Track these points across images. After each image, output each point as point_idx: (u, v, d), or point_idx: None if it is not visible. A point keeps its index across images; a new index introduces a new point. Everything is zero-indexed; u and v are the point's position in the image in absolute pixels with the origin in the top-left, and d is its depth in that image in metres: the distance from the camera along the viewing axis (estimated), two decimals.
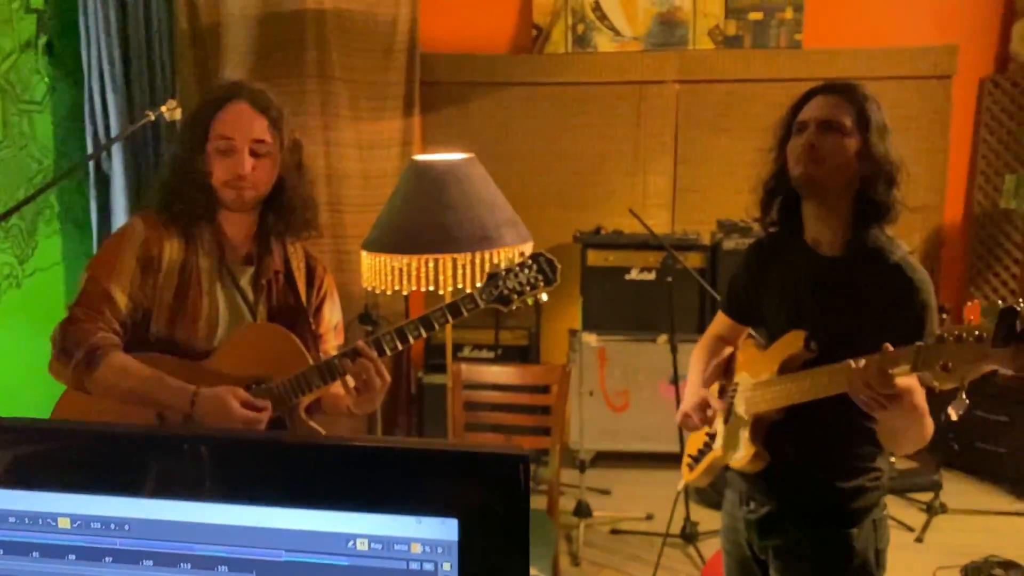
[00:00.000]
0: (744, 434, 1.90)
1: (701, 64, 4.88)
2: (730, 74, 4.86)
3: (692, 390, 2.05)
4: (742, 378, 2.00)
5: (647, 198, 4.96)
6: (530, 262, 1.87)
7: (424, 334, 1.82)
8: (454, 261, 2.10)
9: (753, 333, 2.12)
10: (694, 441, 2.16)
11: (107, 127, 3.59)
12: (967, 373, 1.49)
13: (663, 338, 4.53)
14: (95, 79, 3.52)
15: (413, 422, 4.90)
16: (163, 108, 2.18)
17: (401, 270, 2.14)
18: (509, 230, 2.15)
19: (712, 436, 2.08)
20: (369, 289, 2.31)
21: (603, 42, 4.95)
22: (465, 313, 1.83)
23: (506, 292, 1.85)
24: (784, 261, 1.91)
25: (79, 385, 1.72)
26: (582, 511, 3.89)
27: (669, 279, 3.71)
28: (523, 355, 4.79)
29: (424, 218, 2.15)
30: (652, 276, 4.59)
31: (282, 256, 1.94)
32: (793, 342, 1.83)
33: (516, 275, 1.85)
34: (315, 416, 1.96)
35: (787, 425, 1.84)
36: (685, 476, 2.18)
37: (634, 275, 4.61)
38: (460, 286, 2.15)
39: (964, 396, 1.52)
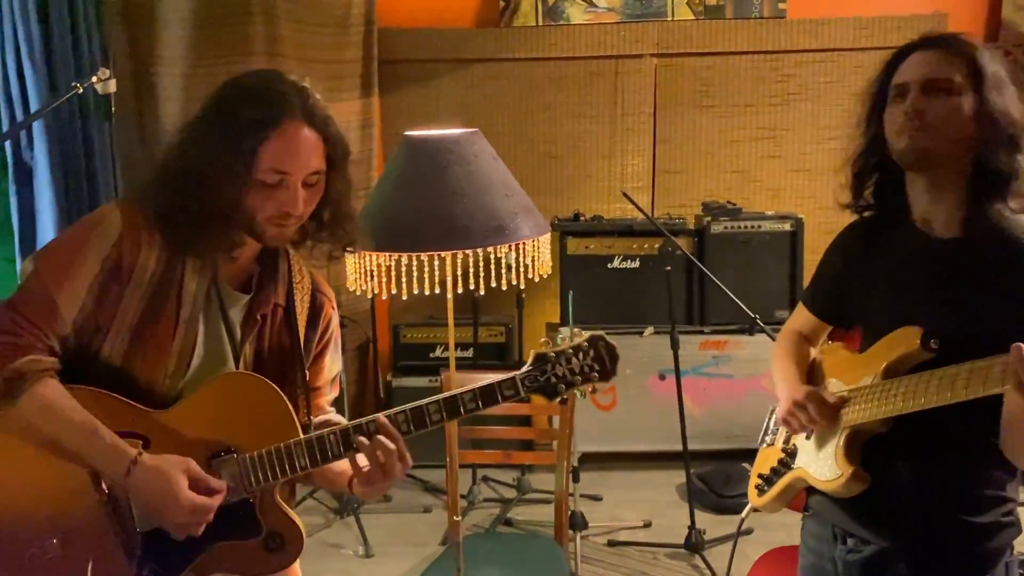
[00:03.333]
0: (836, 450, 1.59)
1: (681, 36, 4.57)
2: (711, 46, 4.57)
3: (794, 385, 1.71)
4: (831, 385, 1.69)
5: (625, 181, 4.65)
6: (586, 346, 1.50)
7: (445, 418, 1.45)
8: (463, 258, 1.74)
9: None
10: (765, 459, 1.84)
11: (26, 109, 3.12)
12: None
13: (650, 330, 4.25)
14: (10, 54, 3.05)
15: None
16: (93, 79, 1.77)
17: (398, 270, 1.77)
18: (526, 220, 1.81)
19: (790, 453, 1.76)
20: (359, 294, 1.93)
21: (576, 14, 4.60)
22: (500, 400, 1.46)
23: (554, 381, 1.47)
24: (888, 247, 1.62)
25: None
26: (577, 523, 3.56)
27: (668, 268, 3.40)
28: (500, 353, 4.45)
29: (423, 207, 1.78)
30: (636, 264, 4.30)
31: (287, 285, 1.55)
32: (903, 340, 1.53)
33: (568, 360, 1.48)
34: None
35: (894, 441, 1.54)
36: (753, 500, 1.86)
37: (617, 264, 4.30)
38: (471, 287, 1.80)
39: None
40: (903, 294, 1.57)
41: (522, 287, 1.85)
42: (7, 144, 3.09)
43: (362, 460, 1.44)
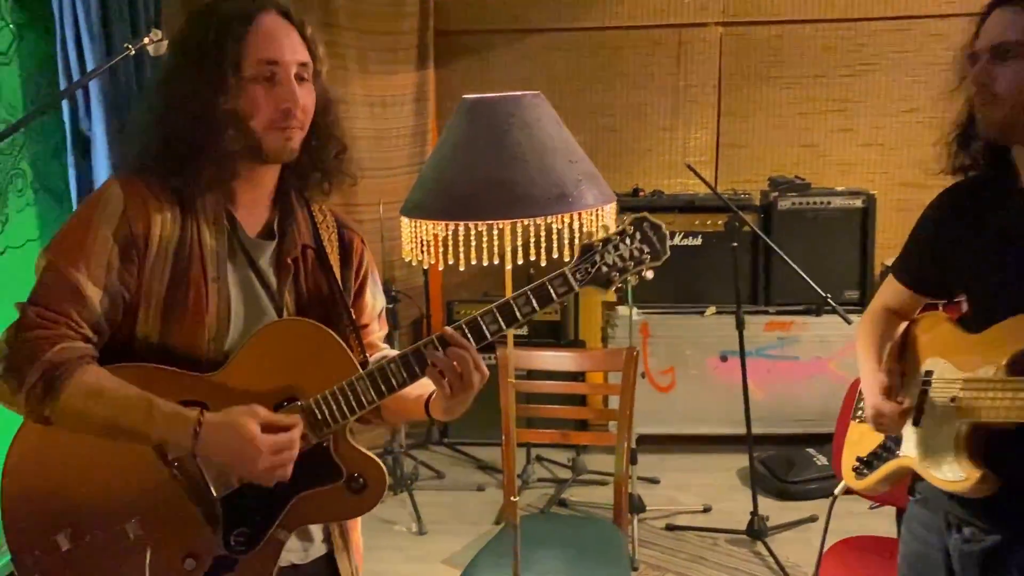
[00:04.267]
0: (958, 447, 1.45)
1: (748, 3, 4.39)
2: (780, 14, 4.38)
3: (873, 379, 1.60)
4: (937, 366, 1.54)
5: (688, 155, 4.50)
6: (631, 230, 1.43)
7: (504, 327, 1.38)
8: (524, 227, 1.65)
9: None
10: (862, 438, 1.71)
11: (83, 74, 3.11)
12: None
13: (712, 310, 4.11)
14: (68, 26, 3.02)
15: None
16: (145, 40, 1.71)
17: (455, 240, 1.69)
18: (590, 187, 1.70)
19: (894, 439, 1.63)
20: (415, 264, 1.85)
21: None
22: (555, 298, 1.39)
23: (605, 270, 1.41)
24: (998, 215, 1.47)
25: (37, 415, 1.26)
26: (634, 506, 3.47)
27: (734, 244, 3.25)
28: (555, 332, 4.36)
29: (482, 174, 1.69)
30: (698, 242, 4.15)
31: (310, 225, 1.48)
32: None
33: (616, 248, 1.41)
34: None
35: (1021, 437, 1.38)
36: (851, 483, 1.74)
37: (678, 241, 4.16)
38: (532, 258, 1.70)
39: None
40: (1020, 271, 1.41)
41: None
42: (65, 114, 3.08)
43: (431, 385, 1.39)
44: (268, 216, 1.45)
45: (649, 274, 1.45)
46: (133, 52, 1.66)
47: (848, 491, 1.78)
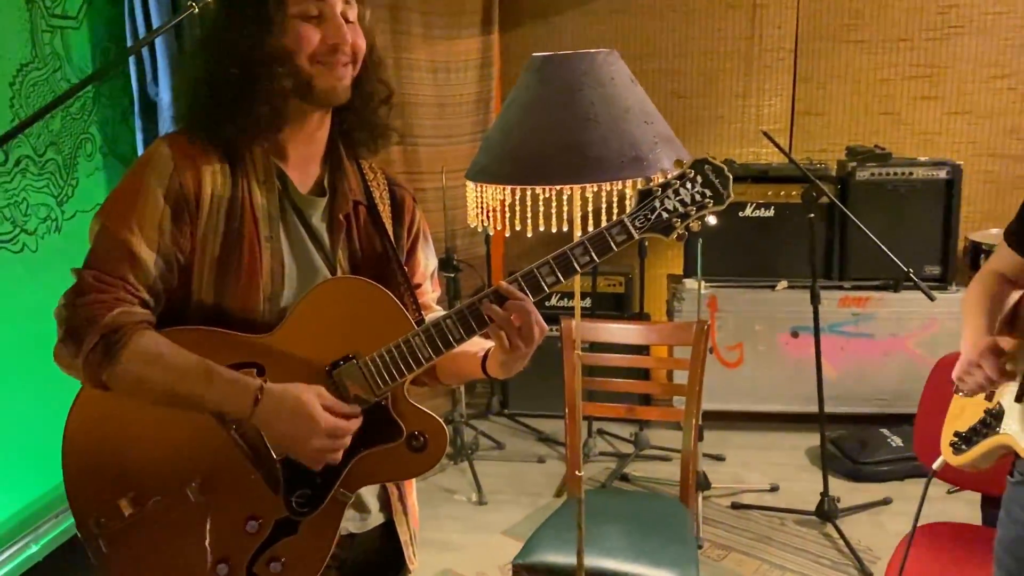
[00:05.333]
0: None
1: None
2: None
3: (976, 334, 1.50)
4: None
5: (761, 123, 4.33)
6: (692, 173, 1.35)
7: (561, 279, 1.33)
8: (595, 193, 1.57)
9: None
10: (962, 412, 1.62)
11: (152, 45, 3.12)
12: None
13: (783, 284, 3.97)
14: None
15: (497, 382, 4.43)
16: None
17: (523, 204, 1.62)
18: (667, 149, 1.61)
19: (994, 413, 1.52)
20: (480, 230, 1.79)
21: None
22: (614, 247, 1.33)
23: (665, 216, 1.33)
24: None
25: (96, 381, 1.24)
26: (699, 483, 3.38)
27: (811, 215, 3.11)
28: (619, 304, 4.27)
29: (552, 136, 1.61)
30: (771, 213, 4.00)
31: (360, 182, 1.44)
32: None
33: (676, 192, 1.34)
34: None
35: None
36: (949, 458, 1.64)
37: (749, 212, 4.01)
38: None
39: None
40: None
41: None
42: (132, 78, 3.10)
43: (487, 343, 1.35)
44: (319, 173, 1.41)
45: (712, 219, 1.38)
46: (197, 10, 1.62)
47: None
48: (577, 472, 1.98)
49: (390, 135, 1.45)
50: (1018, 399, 1.44)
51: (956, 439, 1.61)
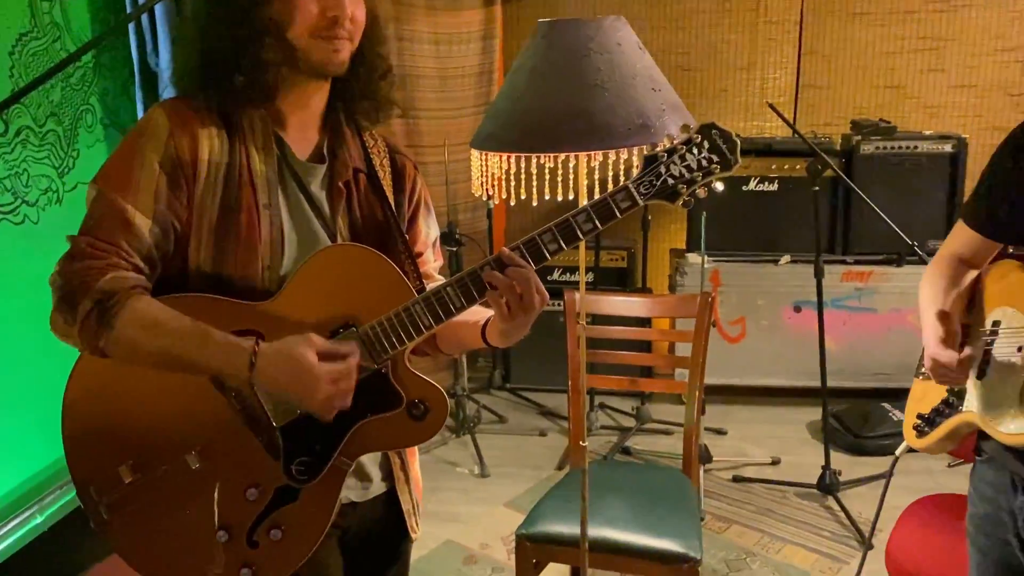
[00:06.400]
0: (1023, 401, 1.35)
1: None
2: None
3: (933, 328, 1.50)
4: (1007, 315, 1.44)
5: (766, 96, 4.30)
6: (699, 138, 1.32)
7: (564, 246, 1.31)
8: (601, 162, 1.56)
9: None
10: (924, 395, 1.62)
11: (152, 15, 3.09)
12: None
13: (786, 259, 3.96)
14: None
15: (498, 353, 4.44)
16: None
17: (528, 173, 1.61)
18: (674, 117, 1.60)
19: (957, 393, 1.53)
20: (484, 199, 1.78)
21: None
22: (619, 214, 1.31)
23: (671, 182, 1.31)
24: None
25: (92, 347, 1.23)
26: (702, 455, 3.40)
27: (816, 188, 3.09)
28: (621, 279, 4.27)
29: (559, 102, 1.59)
30: (774, 187, 3.98)
31: (360, 149, 1.42)
32: None
33: (683, 158, 1.32)
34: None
35: None
36: (912, 441, 1.65)
37: (753, 186, 3.99)
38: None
39: None
40: None
41: None
42: (132, 49, 3.07)
43: (488, 312, 1.34)
44: (318, 139, 1.39)
45: (719, 186, 1.35)
46: None
47: (910, 450, 1.68)
48: (581, 442, 1.98)
49: (391, 108, 1.44)
50: (979, 376, 1.44)
51: (919, 421, 1.61)
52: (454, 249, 3.77)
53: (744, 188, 3.99)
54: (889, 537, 2.28)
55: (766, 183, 3.98)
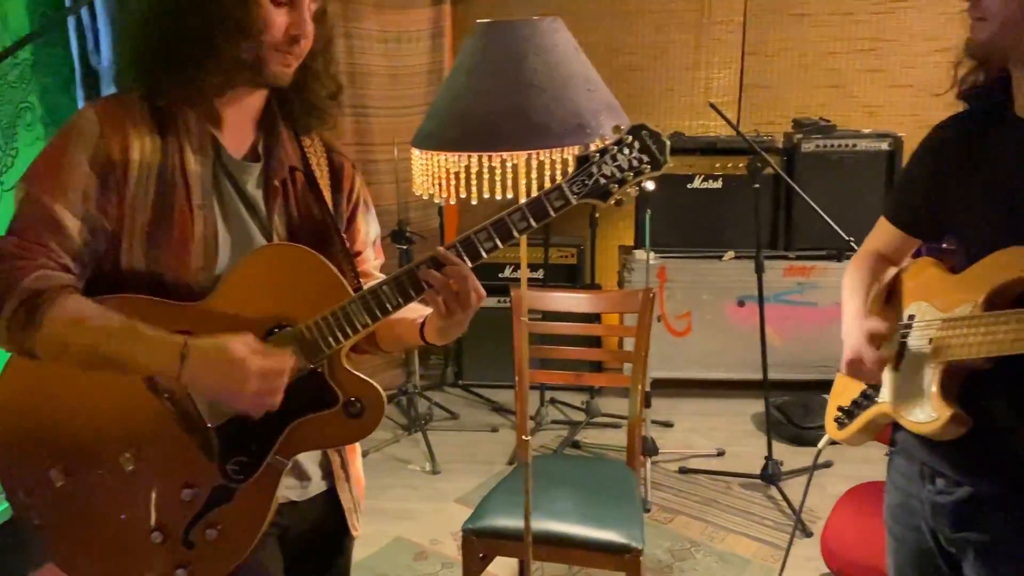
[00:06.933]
0: (932, 388, 1.41)
1: None
2: None
3: (854, 323, 1.55)
4: (920, 309, 1.50)
5: (710, 95, 4.38)
6: (629, 139, 1.36)
7: (499, 244, 1.33)
8: (539, 160, 1.59)
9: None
10: (845, 389, 1.68)
11: (92, 12, 3.04)
12: None
13: (730, 254, 4.05)
14: None
15: (450, 350, 4.46)
16: None
17: (466, 172, 1.63)
18: (609, 117, 1.63)
19: (873, 386, 1.59)
20: (426, 198, 1.80)
21: None
22: (552, 212, 1.34)
23: (603, 181, 1.35)
24: (992, 147, 1.38)
25: (20, 347, 1.23)
26: (647, 448, 3.47)
27: (756, 186, 3.17)
28: (571, 275, 4.32)
29: (498, 102, 1.62)
30: (718, 184, 4.06)
31: (297, 148, 1.43)
32: (1011, 263, 1.31)
33: (614, 158, 1.35)
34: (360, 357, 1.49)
35: (995, 376, 1.34)
36: (832, 433, 1.71)
37: (697, 184, 4.07)
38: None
39: None
40: (1008, 205, 1.33)
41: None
42: (73, 48, 3.03)
43: (426, 310, 1.35)
44: (253, 138, 1.40)
45: (650, 185, 1.40)
46: None
47: (832, 443, 1.75)
48: (524, 437, 2.02)
49: (327, 120, 1.45)
50: (894, 368, 1.49)
51: (840, 414, 1.65)
52: (404, 247, 3.78)
53: (689, 186, 4.06)
54: (824, 524, 2.35)
55: (711, 181, 4.06)
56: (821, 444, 1.79)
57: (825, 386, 4.11)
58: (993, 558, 1.39)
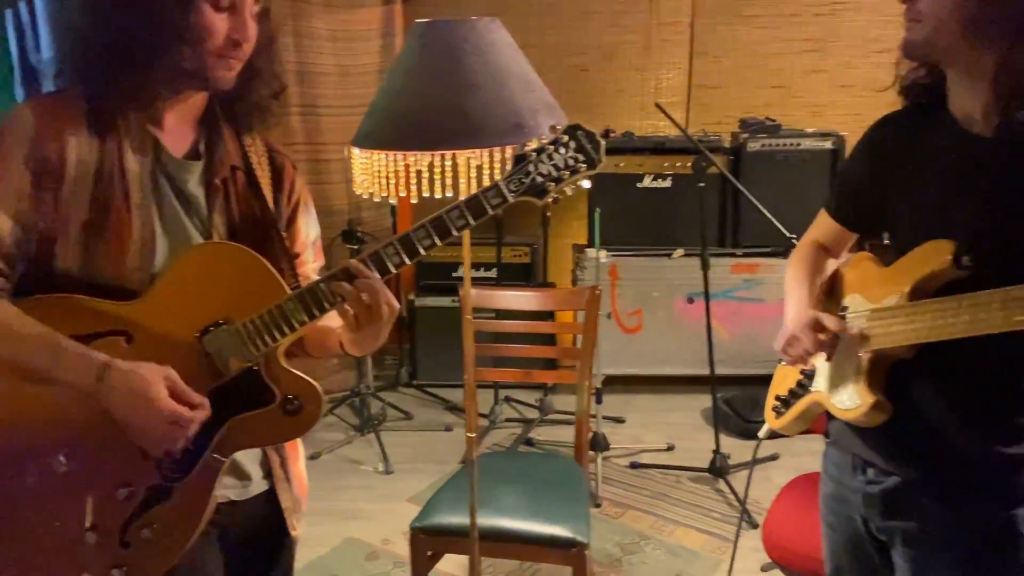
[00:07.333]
0: (859, 377, 1.46)
1: None
2: None
3: (798, 308, 1.59)
4: (854, 301, 1.55)
5: (660, 96, 4.44)
6: (565, 138, 1.38)
7: (437, 242, 1.35)
8: (478, 157, 1.61)
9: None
10: (784, 379, 1.73)
11: (32, 12, 2.99)
12: None
13: (680, 252, 4.11)
14: None
15: (405, 351, 4.46)
16: None
17: (406, 171, 1.64)
18: (547, 117, 1.66)
19: (809, 375, 1.64)
20: (365, 196, 1.80)
21: None
22: (490, 210, 1.36)
23: (540, 180, 1.37)
24: (925, 145, 1.42)
25: None
26: (598, 444, 3.51)
27: (701, 184, 3.23)
28: (525, 274, 4.35)
29: (436, 102, 1.64)
30: (668, 183, 4.12)
31: (238, 147, 1.44)
32: (934, 255, 1.36)
33: (550, 157, 1.37)
34: (297, 361, 1.50)
35: (921, 367, 1.40)
36: (771, 422, 1.76)
37: (648, 183, 4.13)
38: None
39: None
40: (936, 200, 1.38)
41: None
42: (12, 47, 2.97)
43: (350, 311, 1.35)
44: (194, 137, 1.40)
45: (586, 183, 1.41)
46: None
47: (772, 434, 1.80)
48: (469, 434, 2.03)
49: (270, 119, 1.45)
50: (828, 357, 1.54)
51: (777, 403, 1.70)
52: (356, 247, 3.77)
53: (639, 185, 4.12)
54: (766, 515, 2.40)
55: (660, 180, 4.12)
56: (761, 433, 1.83)
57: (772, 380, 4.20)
58: (920, 545, 1.44)
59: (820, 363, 1.59)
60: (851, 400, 1.48)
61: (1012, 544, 1.36)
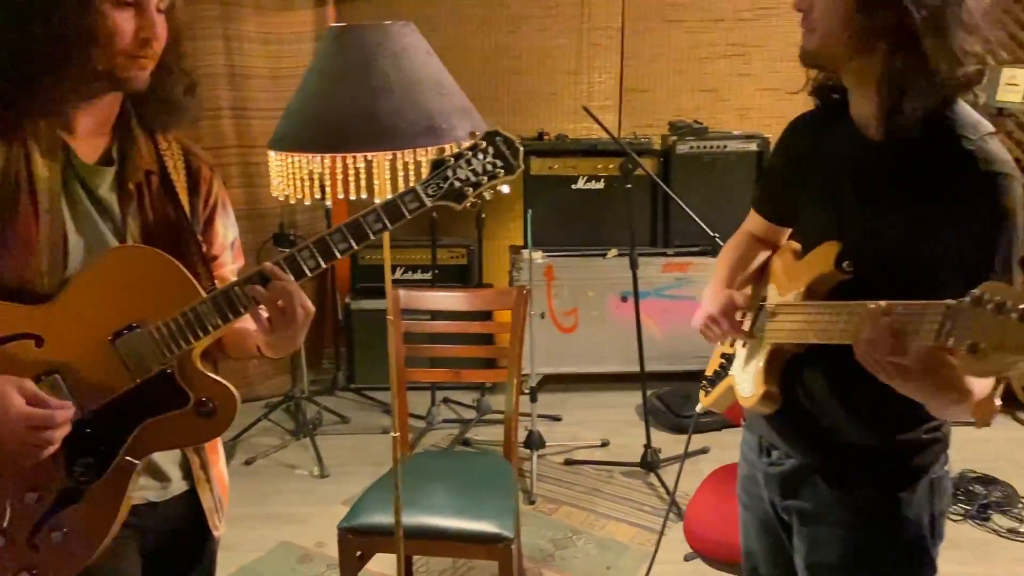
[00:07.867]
0: (759, 366, 1.53)
1: None
2: None
3: (716, 290, 1.65)
4: (771, 292, 1.60)
5: (592, 99, 4.51)
6: (484, 144, 1.41)
7: (354, 245, 1.37)
8: (392, 160, 1.63)
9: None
10: (713, 361, 1.80)
11: None
12: (1004, 367, 1.00)
13: (613, 252, 4.18)
14: None
15: (342, 354, 4.45)
16: None
17: (322, 173, 1.66)
18: (462, 120, 1.69)
19: (728, 358, 1.71)
20: (282, 199, 1.82)
21: None
22: (407, 214, 1.37)
23: (458, 185, 1.40)
24: (826, 147, 1.48)
25: None
26: (534, 442, 3.56)
27: (628, 186, 3.31)
28: (462, 276, 4.37)
29: (350, 105, 1.66)
30: (601, 185, 4.20)
31: (153, 151, 1.44)
32: (823, 258, 1.42)
33: (468, 162, 1.40)
34: (217, 362, 1.51)
35: (813, 361, 1.47)
36: (701, 400, 1.83)
37: (581, 184, 4.20)
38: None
39: (998, 400, 1.14)
40: (831, 202, 1.45)
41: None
42: None
43: (264, 314, 1.36)
44: (107, 142, 1.40)
45: (505, 188, 1.43)
46: None
47: (705, 413, 1.88)
48: (393, 434, 2.06)
49: (183, 115, 1.45)
50: (744, 344, 1.61)
51: (705, 381, 1.79)
52: (287, 251, 3.75)
53: (573, 187, 4.18)
54: (687, 506, 2.48)
55: (594, 181, 4.19)
56: (698, 408, 1.91)
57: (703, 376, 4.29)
58: (813, 524, 1.52)
59: (739, 348, 1.66)
60: (749, 388, 1.55)
61: (896, 525, 1.44)
